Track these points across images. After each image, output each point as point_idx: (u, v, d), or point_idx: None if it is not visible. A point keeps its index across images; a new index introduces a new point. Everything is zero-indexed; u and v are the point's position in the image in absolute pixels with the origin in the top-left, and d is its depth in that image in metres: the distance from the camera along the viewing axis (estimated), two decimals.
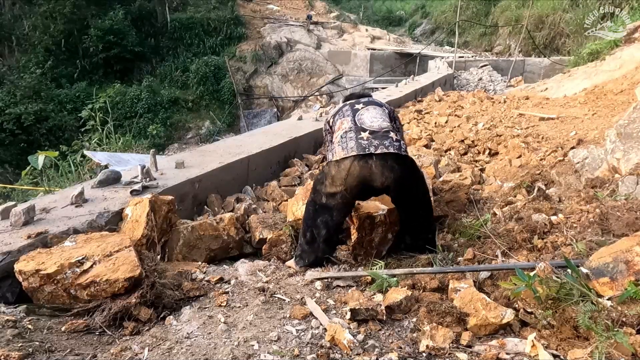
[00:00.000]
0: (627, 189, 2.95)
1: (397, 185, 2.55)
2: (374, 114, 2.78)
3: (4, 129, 13.08)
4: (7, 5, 17.99)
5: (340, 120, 2.82)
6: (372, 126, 2.66)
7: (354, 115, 2.78)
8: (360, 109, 2.82)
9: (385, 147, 2.52)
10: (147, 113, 15.75)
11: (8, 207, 2.73)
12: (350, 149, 2.53)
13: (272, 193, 4.20)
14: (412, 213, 2.73)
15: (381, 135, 2.59)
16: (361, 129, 2.65)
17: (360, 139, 2.58)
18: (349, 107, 2.88)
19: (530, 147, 4.77)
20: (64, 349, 1.83)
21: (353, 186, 2.53)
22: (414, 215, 2.74)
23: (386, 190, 2.62)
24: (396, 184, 2.53)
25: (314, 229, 2.70)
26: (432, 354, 1.76)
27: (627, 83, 6.74)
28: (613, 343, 1.57)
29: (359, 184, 2.53)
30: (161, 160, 4.03)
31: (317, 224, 2.67)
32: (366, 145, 2.52)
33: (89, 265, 2.16)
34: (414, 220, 2.75)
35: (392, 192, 2.64)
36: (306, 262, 2.71)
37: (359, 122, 2.71)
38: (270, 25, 20.44)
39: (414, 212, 2.73)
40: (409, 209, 2.72)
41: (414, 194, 2.68)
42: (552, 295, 1.84)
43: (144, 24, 19.06)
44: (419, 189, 2.73)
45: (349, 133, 2.64)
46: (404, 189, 2.61)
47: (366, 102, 2.92)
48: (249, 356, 1.74)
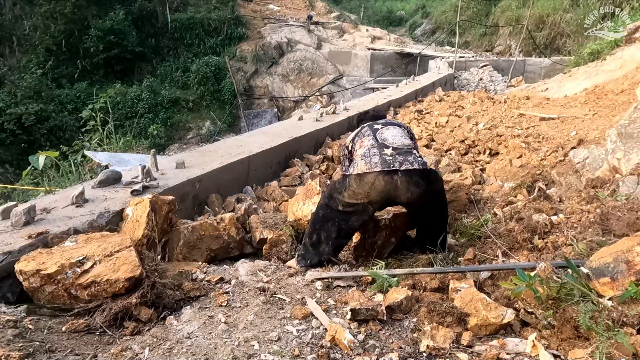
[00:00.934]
0: (627, 189, 2.95)
1: (421, 200, 2.55)
2: (394, 132, 2.79)
3: (4, 129, 13.09)
4: (7, 5, 18.01)
5: (360, 140, 2.82)
6: (395, 143, 2.66)
7: (375, 133, 2.78)
8: (380, 128, 2.83)
9: (410, 163, 2.52)
10: (148, 113, 15.77)
11: (9, 207, 2.73)
12: (375, 164, 2.52)
13: (272, 193, 4.20)
14: (430, 225, 2.74)
15: (405, 151, 2.59)
16: (384, 145, 2.64)
17: (384, 154, 2.56)
18: (367, 128, 2.88)
19: (530, 147, 4.76)
20: (65, 349, 1.83)
21: (376, 200, 2.53)
22: (431, 227, 2.74)
23: (410, 204, 2.61)
24: (420, 198, 2.53)
25: (322, 232, 2.68)
26: (433, 354, 1.76)
27: (628, 83, 6.73)
28: (614, 343, 1.57)
29: (382, 198, 2.53)
30: (162, 161, 4.03)
31: (328, 228, 2.66)
32: (391, 162, 2.51)
33: (90, 265, 2.16)
34: (430, 232, 2.75)
35: (414, 206, 2.63)
36: (308, 263, 2.71)
37: (380, 139, 2.70)
38: (271, 26, 20.45)
39: (431, 225, 2.73)
40: (428, 221, 2.73)
41: (435, 208, 2.68)
42: (552, 296, 1.84)
43: (144, 24, 19.08)
44: (441, 203, 2.74)
45: (372, 149, 2.63)
46: (427, 203, 2.61)
47: (384, 122, 2.95)
48: (250, 356, 1.74)
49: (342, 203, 2.59)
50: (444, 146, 5.52)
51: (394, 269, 2.49)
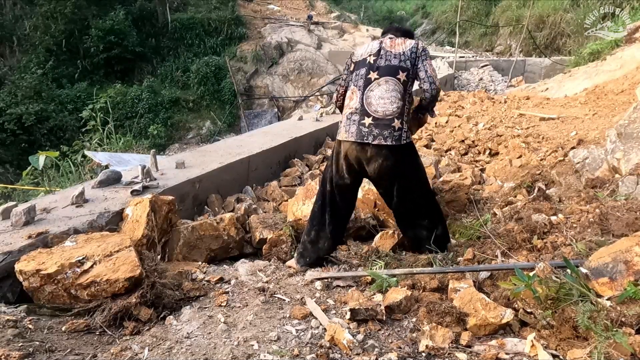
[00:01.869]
0: (627, 189, 2.95)
1: (390, 175, 2.66)
2: (384, 91, 2.65)
3: (5, 129, 13.08)
4: (8, 5, 18.00)
5: (352, 88, 2.75)
6: (377, 112, 2.62)
7: (365, 89, 2.68)
8: (372, 80, 2.68)
9: (383, 138, 2.58)
10: (148, 113, 15.76)
11: (9, 207, 2.73)
12: (351, 134, 2.64)
13: (272, 193, 4.21)
14: (408, 202, 2.74)
15: (383, 124, 2.60)
16: (366, 112, 2.64)
17: (362, 124, 2.62)
18: (363, 73, 2.72)
19: (530, 147, 4.76)
20: (65, 348, 1.84)
21: (351, 167, 2.69)
22: (411, 204, 2.75)
23: (379, 176, 2.68)
24: (388, 172, 2.64)
25: (320, 227, 2.75)
26: (432, 354, 1.76)
27: (628, 83, 6.73)
28: (612, 343, 1.57)
29: (355, 164, 2.68)
30: (162, 161, 4.04)
31: (324, 221, 2.75)
32: (366, 134, 2.60)
33: (90, 265, 2.17)
34: (413, 211, 2.76)
35: (384, 181, 2.72)
36: (307, 262, 2.74)
37: (366, 103, 2.66)
38: (271, 26, 20.44)
39: (410, 201, 2.74)
40: (404, 197, 2.73)
41: (409, 182, 2.71)
42: (551, 296, 1.84)
43: (144, 24, 19.06)
44: (415, 178, 2.74)
45: (354, 115, 2.67)
46: (399, 177, 2.68)
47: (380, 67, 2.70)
48: (249, 356, 1.74)
49: (330, 178, 2.78)
50: (444, 146, 5.52)
51: (394, 269, 2.49)
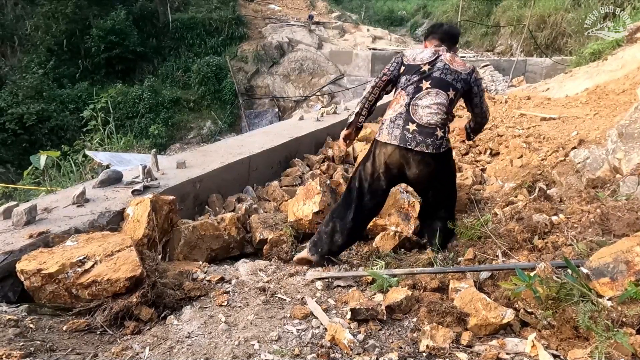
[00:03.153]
0: (628, 189, 2.95)
1: (428, 180, 2.78)
2: (431, 102, 2.69)
3: (6, 128, 13.10)
4: (9, 5, 18.01)
5: (400, 91, 2.78)
6: (422, 119, 2.67)
7: (413, 96, 2.71)
8: (423, 89, 2.71)
9: (426, 145, 2.64)
10: (149, 113, 15.77)
11: (10, 206, 2.74)
12: (394, 138, 2.68)
13: (273, 193, 4.21)
14: (437, 203, 2.93)
15: (427, 132, 2.66)
16: (411, 119, 2.68)
17: (406, 130, 2.67)
18: (415, 80, 2.74)
19: (531, 147, 4.76)
20: (66, 348, 1.84)
21: (389, 170, 2.75)
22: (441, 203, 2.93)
23: (418, 180, 2.80)
24: (427, 178, 2.77)
25: (338, 221, 2.79)
26: (432, 354, 1.76)
27: (629, 83, 6.72)
28: (613, 343, 1.57)
29: (394, 168, 2.75)
30: (162, 160, 4.04)
31: (345, 216, 2.79)
32: (409, 139, 2.65)
33: (91, 265, 2.17)
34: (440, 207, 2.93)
35: (423, 184, 2.85)
36: (319, 252, 2.79)
37: (412, 110, 2.69)
38: (272, 25, 20.44)
39: (439, 202, 2.92)
40: (436, 198, 2.91)
41: (443, 186, 2.88)
42: (552, 296, 1.84)
43: (145, 24, 19.06)
44: (449, 182, 2.94)
45: (399, 119, 2.71)
46: (435, 181, 2.81)
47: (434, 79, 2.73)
48: (250, 355, 1.74)
49: (365, 175, 2.80)
50: None
51: (394, 269, 2.49)
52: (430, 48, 2.89)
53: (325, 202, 3.27)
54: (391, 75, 2.88)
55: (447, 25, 3.16)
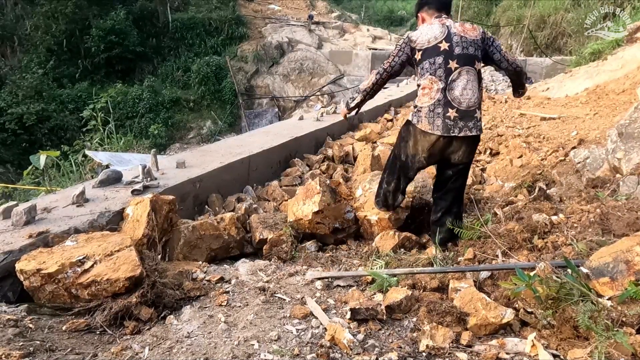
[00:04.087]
0: (628, 189, 2.95)
1: (466, 158, 2.86)
2: (465, 82, 2.69)
3: (6, 128, 13.11)
4: (9, 5, 18.02)
5: (431, 77, 2.71)
6: (461, 103, 2.69)
7: (447, 80, 2.68)
8: (453, 70, 2.67)
9: (469, 129, 2.71)
10: (149, 113, 15.77)
11: (9, 206, 2.73)
12: (437, 127, 2.71)
13: (272, 193, 4.20)
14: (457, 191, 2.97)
15: (467, 116, 2.71)
16: (450, 104, 2.69)
17: (447, 117, 2.69)
18: (441, 62, 2.68)
19: (531, 147, 4.76)
20: (65, 348, 1.84)
21: (433, 156, 2.84)
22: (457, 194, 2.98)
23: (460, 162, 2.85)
24: (469, 157, 2.88)
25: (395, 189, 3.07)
26: (432, 354, 1.76)
27: (629, 83, 6.72)
28: (613, 343, 1.57)
29: (438, 155, 2.83)
30: (162, 160, 4.04)
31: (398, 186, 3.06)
32: (451, 126, 2.69)
33: (90, 265, 2.17)
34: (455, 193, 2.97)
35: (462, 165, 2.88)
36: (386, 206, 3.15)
37: (449, 94, 2.69)
38: (272, 25, 20.44)
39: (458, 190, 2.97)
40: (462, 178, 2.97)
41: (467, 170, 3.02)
42: (552, 295, 1.84)
43: (145, 24, 19.07)
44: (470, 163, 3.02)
45: (437, 107, 2.71)
46: (469, 160, 2.91)
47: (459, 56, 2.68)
48: (249, 355, 1.74)
49: (406, 153, 2.92)
50: None
51: (394, 268, 2.49)
52: (434, 22, 2.79)
53: (325, 202, 3.27)
54: (394, 71, 2.88)
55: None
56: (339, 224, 3.30)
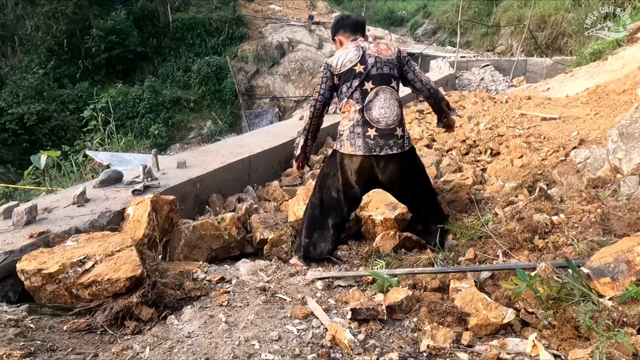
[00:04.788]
0: (629, 189, 2.94)
1: (399, 179, 2.80)
2: (383, 102, 2.70)
3: (6, 129, 13.13)
4: (9, 5, 18.03)
5: (348, 100, 2.74)
6: (380, 122, 2.69)
7: (364, 101, 2.70)
8: (369, 91, 2.70)
9: (389, 147, 2.69)
10: (149, 113, 15.79)
11: (10, 206, 2.74)
12: (358, 147, 2.70)
13: (273, 193, 4.21)
14: (417, 200, 2.95)
15: (387, 134, 2.70)
16: (368, 124, 2.69)
17: (367, 137, 2.68)
18: (357, 85, 2.70)
19: (532, 147, 4.76)
20: (66, 348, 1.84)
21: (363, 179, 2.78)
22: (419, 201, 2.96)
23: (391, 182, 2.83)
24: (399, 177, 2.79)
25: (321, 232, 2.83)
26: (433, 354, 1.76)
27: (630, 83, 6.72)
28: (614, 343, 1.57)
29: (367, 178, 2.78)
30: (163, 160, 4.04)
31: (326, 226, 2.83)
32: (372, 146, 2.68)
33: (91, 265, 2.17)
34: (422, 206, 2.97)
35: (396, 185, 2.86)
36: (310, 262, 2.83)
37: (367, 114, 2.70)
38: (272, 26, 20.45)
39: (418, 199, 2.95)
40: (415, 199, 2.94)
41: (417, 185, 2.92)
42: (553, 295, 1.84)
43: (146, 24, 19.09)
44: (421, 179, 2.97)
45: (357, 128, 2.71)
46: (407, 180, 2.85)
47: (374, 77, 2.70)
48: (250, 355, 1.74)
49: (335, 188, 2.83)
50: (445, 146, 5.52)
51: (395, 268, 2.49)
52: (350, 46, 2.81)
53: None
54: (324, 98, 2.84)
55: (351, 15, 3.12)
56: None
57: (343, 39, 2.92)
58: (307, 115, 2.91)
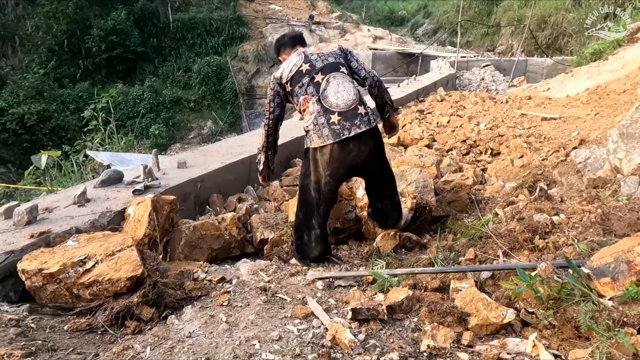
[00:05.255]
0: (629, 189, 2.94)
1: (373, 157, 2.75)
2: (336, 86, 2.71)
3: (7, 129, 13.14)
4: (10, 5, 18.05)
5: (304, 97, 2.73)
6: (339, 105, 2.66)
7: (318, 93, 2.70)
8: (321, 82, 2.71)
9: (357, 126, 2.62)
10: (150, 113, 15.81)
11: (11, 206, 2.74)
12: (326, 137, 2.62)
13: (273, 193, 4.21)
14: (384, 181, 2.92)
15: (351, 115, 2.65)
16: (329, 111, 2.66)
17: (332, 124, 2.62)
18: (308, 81, 2.72)
19: (532, 147, 4.76)
20: (67, 347, 1.84)
21: (336, 169, 2.67)
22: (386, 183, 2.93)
23: (366, 164, 2.74)
24: (371, 155, 2.73)
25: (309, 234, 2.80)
26: (433, 354, 1.76)
27: (630, 83, 6.72)
28: (614, 343, 1.57)
29: (341, 166, 2.67)
30: (163, 160, 4.04)
31: (312, 226, 2.79)
32: (339, 131, 2.61)
33: (92, 265, 2.17)
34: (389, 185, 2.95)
35: (369, 166, 2.78)
36: (309, 262, 2.79)
37: (325, 103, 2.68)
38: (272, 25, 20.46)
39: (386, 180, 2.92)
40: (382, 177, 2.90)
41: (384, 162, 2.89)
42: (553, 296, 1.84)
43: (146, 24, 19.11)
44: (386, 159, 2.94)
45: (319, 118, 2.65)
46: (378, 159, 2.81)
47: (322, 68, 2.74)
48: (251, 355, 1.74)
49: (312, 187, 2.73)
50: (446, 146, 5.52)
51: (395, 268, 2.49)
52: (292, 55, 2.88)
53: None
54: (276, 116, 2.90)
55: (287, 33, 3.26)
56: (339, 224, 3.30)
57: (285, 55, 3.00)
58: (263, 133, 2.98)
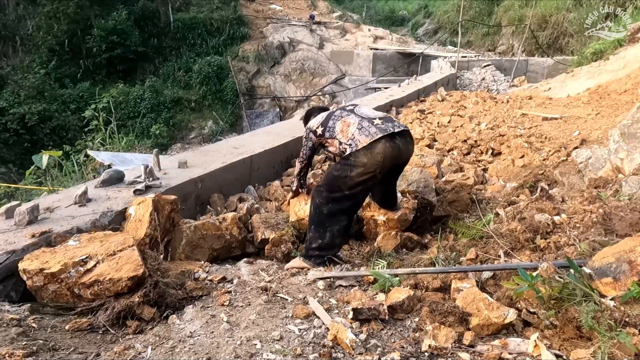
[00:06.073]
0: (630, 189, 2.94)
1: (410, 155, 2.94)
2: (368, 109, 2.99)
3: (8, 128, 13.13)
4: (11, 5, 18.06)
5: (341, 121, 2.84)
6: (377, 114, 2.86)
7: (353, 112, 2.89)
8: (353, 108, 2.94)
9: (398, 126, 2.77)
10: (150, 113, 15.81)
11: (12, 206, 2.74)
12: (375, 133, 2.67)
13: (274, 193, 4.21)
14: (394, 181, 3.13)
15: (388, 118, 2.83)
16: (370, 118, 2.80)
17: (377, 125, 2.73)
18: (340, 111, 2.95)
19: (533, 147, 4.76)
20: (68, 347, 1.84)
21: (386, 166, 2.72)
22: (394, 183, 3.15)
23: (405, 162, 2.94)
24: (411, 154, 2.93)
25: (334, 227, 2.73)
26: (435, 354, 1.76)
27: (631, 83, 6.72)
28: (616, 343, 1.57)
29: (390, 162, 2.74)
30: (164, 160, 4.04)
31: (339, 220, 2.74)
32: (385, 127, 2.71)
33: (93, 265, 2.17)
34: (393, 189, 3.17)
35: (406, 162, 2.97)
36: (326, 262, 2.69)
37: (364, 115, 2.84)
38: (273, 25, 20.45)
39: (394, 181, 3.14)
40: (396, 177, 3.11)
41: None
42: (554, 295, 1.84)
43: (147, 24, 19.10)
44: None
45: (363, 122, 2.76)
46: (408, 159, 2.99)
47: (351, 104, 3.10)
48: (252, 355, 1.74)
49: (349, 185, 2.70)
50: (446, 146, 5.51)
51: (396, 268, 2.49)
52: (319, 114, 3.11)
53: None
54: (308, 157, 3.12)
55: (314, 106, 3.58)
56: None
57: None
58: (298, 166, 3.22)
